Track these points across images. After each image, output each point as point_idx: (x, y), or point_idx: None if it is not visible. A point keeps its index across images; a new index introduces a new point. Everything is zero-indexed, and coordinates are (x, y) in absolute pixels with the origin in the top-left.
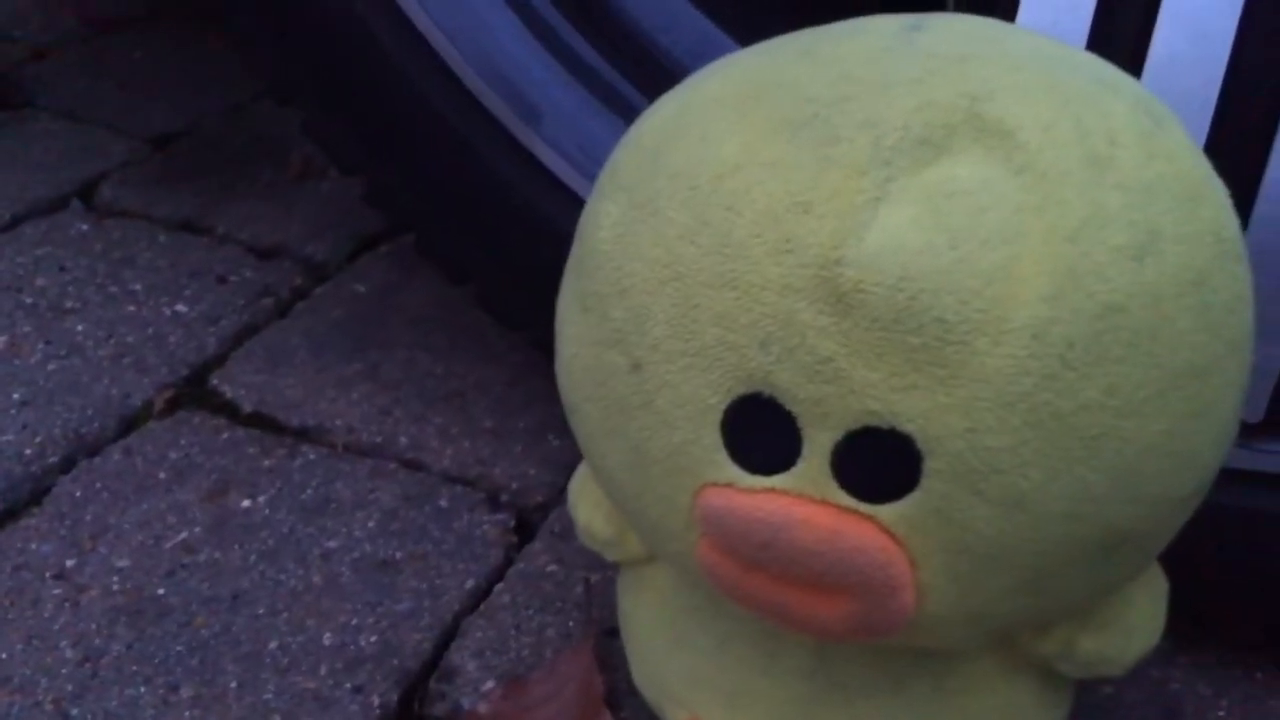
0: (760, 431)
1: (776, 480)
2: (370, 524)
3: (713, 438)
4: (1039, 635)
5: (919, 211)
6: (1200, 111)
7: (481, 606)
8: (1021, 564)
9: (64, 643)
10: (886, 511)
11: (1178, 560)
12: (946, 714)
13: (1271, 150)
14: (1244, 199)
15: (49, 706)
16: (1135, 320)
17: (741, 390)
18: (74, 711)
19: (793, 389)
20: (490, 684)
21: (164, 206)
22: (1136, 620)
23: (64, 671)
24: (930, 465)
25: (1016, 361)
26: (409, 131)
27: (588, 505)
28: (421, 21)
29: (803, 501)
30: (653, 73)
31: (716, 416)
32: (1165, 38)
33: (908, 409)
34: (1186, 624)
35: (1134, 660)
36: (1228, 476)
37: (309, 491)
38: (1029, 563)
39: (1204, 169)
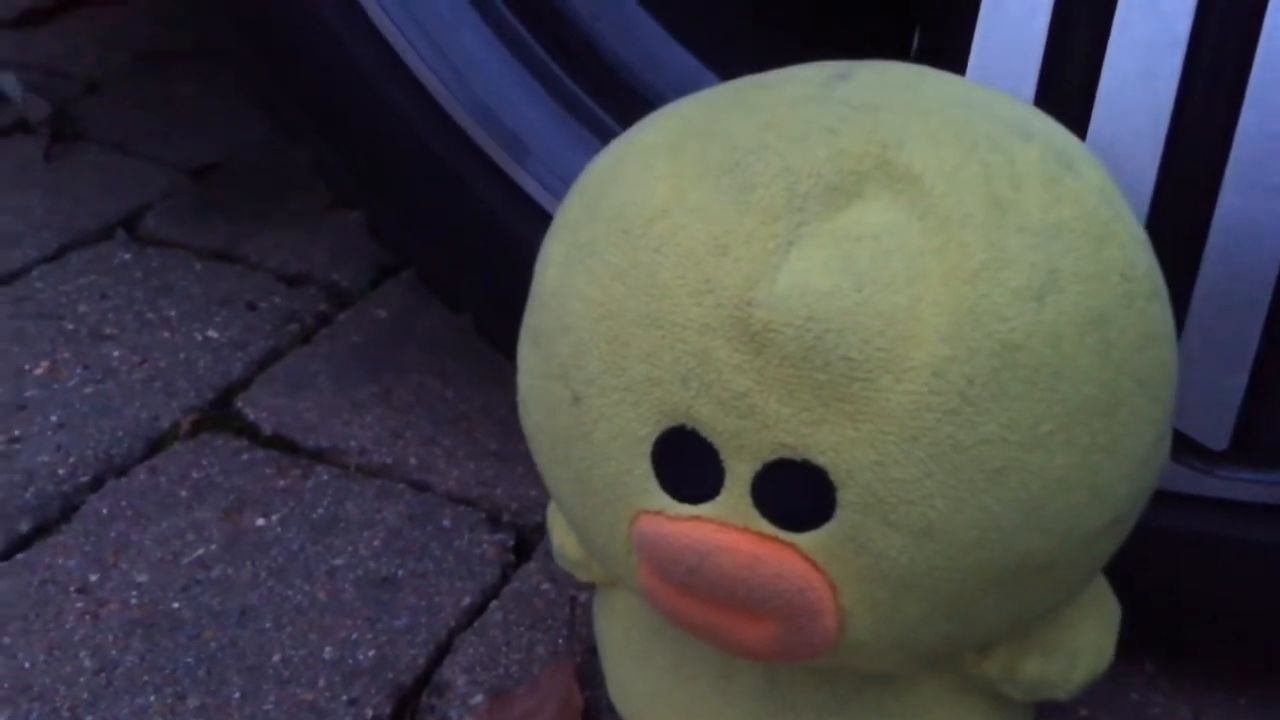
0: (686, 462)
1: (703, 509)
2: (375, 542)
3: (644, 468)
4: (982, 658)
5: (828, 255)
6: (1149, 150)
7: (475, 623)
8: (936, 591)
9: (83, 653)
10: (805, 539)
11: (1147, 586)
12: None
13: (1221, 185)
14: (1195, 235)
15: (65, 713)
16: (1035, 358)
17: (668, 423)
18: (87, 719)
19: (712, 422)
20: (479, 698)
21: (201, 236)
22: (1082, 645)
23: (81, 680)
24: (843, 496)
25: (918, 398)
26: (402, 167)
27: (561, 528)
28: (412, 61)
29: (726, 529)
30: (638, 109)
31: (647, 448)
32: (1114, 73)
33: (819, 442)
34: (1166, 650)
35: (1080, 685)
36: (1196, 504)
37: (320, 510)
38: (943, 590)
39: (1112, 211)
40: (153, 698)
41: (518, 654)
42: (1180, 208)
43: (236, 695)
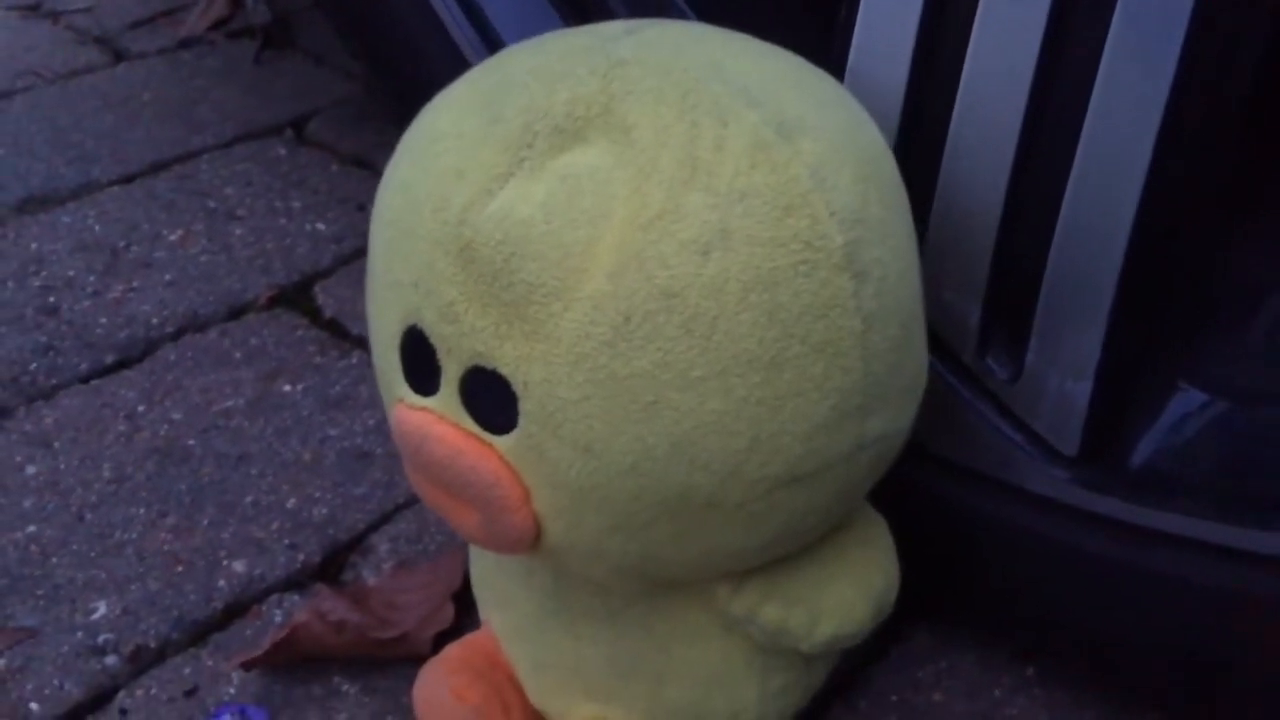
0: (418, 358)
1: (430, 401)
2: (370, 422)
3: (396, 360)
4: (730, 596)
5: (538, 189)
6: (1003, 160)
7: (419, 504)
8: (607, 508)
9: (106, 466)
10: (501, 442)
11: (1001, 589)
12: (654, 653)
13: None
14: (1043, 235)
15: (73, 509)
16: (693, 307)
17: (409, 322)
18: (88, 516)
19: (432, 325)
20: (389, 565)
21: (348, 142)
22: (828, 604)
23: (95, 486)
24: (523, 406)
25: (580, 326)
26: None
27: None
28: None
29: (441, 421)
30: None
31: (397, 342)
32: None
33: (504, 355)
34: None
35: (824, 642)
36: (1053, 509)
37: (338, 388)
38: (613, 508)
39: (817, 184)
40: (141, 510)
41: (440, 536)
42: (1029, 210)
43: (205, 522)
